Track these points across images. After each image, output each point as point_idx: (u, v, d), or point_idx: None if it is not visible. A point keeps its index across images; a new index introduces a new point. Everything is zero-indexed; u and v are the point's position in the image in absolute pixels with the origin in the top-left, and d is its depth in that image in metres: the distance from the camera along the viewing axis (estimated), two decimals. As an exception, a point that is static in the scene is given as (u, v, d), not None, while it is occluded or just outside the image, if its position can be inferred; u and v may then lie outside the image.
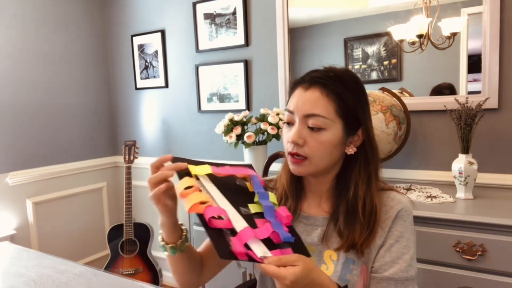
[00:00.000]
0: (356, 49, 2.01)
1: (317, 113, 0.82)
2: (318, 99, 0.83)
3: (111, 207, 3.07)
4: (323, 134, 0.83)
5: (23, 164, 2.51)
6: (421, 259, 1.44)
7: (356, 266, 0.84)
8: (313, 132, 0.83)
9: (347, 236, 0.84)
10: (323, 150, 0.84)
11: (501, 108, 1.70)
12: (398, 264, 0.82)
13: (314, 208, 0.93)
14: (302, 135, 0.83)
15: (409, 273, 0.82)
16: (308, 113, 0.83)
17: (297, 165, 0.86)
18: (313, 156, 0.84)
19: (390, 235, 0.84)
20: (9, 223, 2.44)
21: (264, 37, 2.29)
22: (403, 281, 0.81)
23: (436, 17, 1.77)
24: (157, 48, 2.74)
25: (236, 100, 2.44)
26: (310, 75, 0.87)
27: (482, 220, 1.34)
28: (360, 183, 0.86)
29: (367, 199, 0.84)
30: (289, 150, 0.86)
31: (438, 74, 1.83)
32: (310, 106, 0.83)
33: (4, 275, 1.19)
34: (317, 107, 0.83)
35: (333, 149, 0.85)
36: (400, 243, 0.83)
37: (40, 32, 2.60)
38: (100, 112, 3.01)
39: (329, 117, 0.83)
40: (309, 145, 0.83)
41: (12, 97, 2.45)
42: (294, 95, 0.87)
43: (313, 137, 0.83)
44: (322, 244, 0.87)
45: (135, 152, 2.55)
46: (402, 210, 0.85)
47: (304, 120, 0.84)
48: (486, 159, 1.72)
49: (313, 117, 0.83)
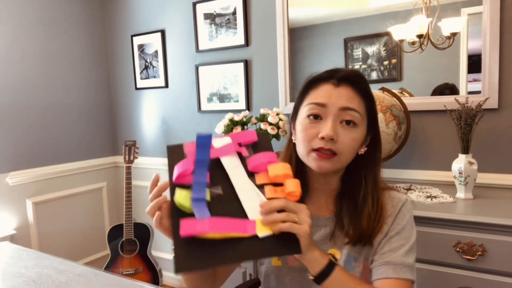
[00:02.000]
0: (356, 49, 2.01)
1: (355, 108, 0.82)
2: (352, 95, 0.83)
3: (111, 207, 3.07)
4: (355, 130, 0.83)
5: (23, 164, 2.51)
6: (421, 259, 1.44)
7: (358, 263, 0.85)
8: (346, 128, 0.82)
9: (353, 232, 0.85)
10: (353, 147, 0.84)
11: (501, 108, 1.70)
12: (396, 252, 0.83)
13: (317, 208, 0.92)
14: (336, 130, 0.81)
15: (407, 260, 0.82)
16: (346, 106, 0.82)
17: (325, 161, 0.82)
18: (342, 153, 0.82)
19: (392, 229, 0.85)
20: (9, 223, 2.44)
21: (264, 37, 2.29)
22: (401, 266, 0.81)
23: (436, 17, 1.77)
24: (157, 48, 2.74)
25: (236, 100, 2.44)
26: (338, 73, 0.85)
27: (482, 220, 1.34)
28: (369, 180, 0.87)
29: (375, 195, 0.86)
30: (318, 145, 0.81)
31: (438, 74, 1.83)
32: (346, 100, 0.82)
33: (4, 275, 1.19)
34: (353, 102, 0.83)
35: (357, 148, 0.85)
36: (400, 235, 0.84)
37: (40, 32, 2.60)
38: (100, 112, 3.01)
39: (362, 114, 0.84)
40: (341, 141, 0.81)
41: (12, 97, 2.45)
42: (320, 89, 0.85)
43: (345, 133, 0.82)
44: (326, 243, 0.88)
45: (135, 152, 2.55)
46: (403, 206, 0.87)
47: (338, 114, 0.82)
48: (486, 159, 1.72)
49: (351, 111, 0.82)
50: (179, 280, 2.83)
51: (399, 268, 0.81)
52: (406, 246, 0.83)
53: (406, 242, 0.84)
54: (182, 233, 0.65)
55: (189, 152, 0.76)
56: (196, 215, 0.67)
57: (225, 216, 0.69)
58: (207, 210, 0.69)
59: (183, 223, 0.66)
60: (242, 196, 0.72)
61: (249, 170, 0.75)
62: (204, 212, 0.68)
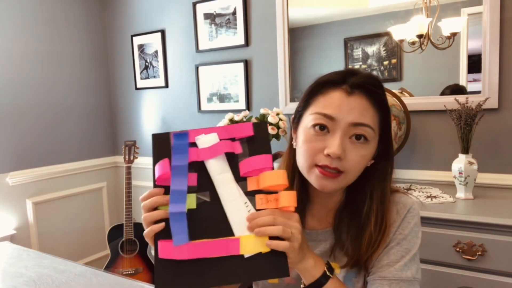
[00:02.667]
0: (356, 49, 2.01)
1: (367, 123, 0.73)
2: (366, 108, 0.73)
3: (111, 207, 3.07)
4: (366, 147, 0.74)
5: (23, 164, 2.51)
6: (421, 259, 1.41)
7: (358, 278, 0.81)
8: (355, 143, 0.73)
9: (353, 252, 0.79)
10: (361, 165, 0.75)
11: (501, 108, 1.70)
12: (393, 266, 0.76)
13: (318, 221, 0.86)
14: (344, 147, 0.72)
15: (404, 274, 0.75)
16: (357, 121, 0.72)
17: (329, 180, 0.74)
18: (350, 171, 0.73)
19: (394, 239, 0.78)
20: (9, 223, 2.44)
21: (264, 37, 2.29)
22: (397, 281, 0.75)
23: (436, 17, 1.77)
24: (157, 48, 2.74)
25: (236, 100, 2.44)
26: (351, 78, 0.75)
27: (482, 220, 1.34)
28: (375, 196, 0.79)
29: (380, 213, 0.78)
30: (323, 162, 0.73)
31: (438, 74, 1.83)
32: (358, 114, 0.72)
33: (4, 275, 1.19)
34: (366, 117, 0.73)
35: (366, 164, 0.77)
36: (400, 246, 0.78)
37: (40, 32, 2.59)
38: (100, 112, 3.01)
39: (375, 128, 0.74)
40: (349, 158, 0.72)
41: (12, 97, 2.45)
42: (329, 97, 0.75)
43: (355, 149, 0.73)
44: (326, 258, 0.83)
45: (135, 152, 2.55)
46: (408, 213, 0.80)
47: (348, 129, 0.73)
48: (486, 159, 1.72)
49: (362, 127, 0.73)
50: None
51: (395, 284, 0.75)
52: (405, 258, 0.76)
53: (407, 254, 0.77)
54: (160, 255, 0.62)
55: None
56: (174, 239, 0.62)
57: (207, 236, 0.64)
58: (186, 232, 0.63)
59: (161, 245, 0.62)
60: (228, 207, 0.66)
61: (241, 175, 0.67)
62: (182, 237, 0.63)
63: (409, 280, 0.76)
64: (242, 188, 0.66)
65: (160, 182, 0.67)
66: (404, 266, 0.76)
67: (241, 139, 0.70)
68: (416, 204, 0.83)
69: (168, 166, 0.66)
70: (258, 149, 0.69)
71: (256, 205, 0.65)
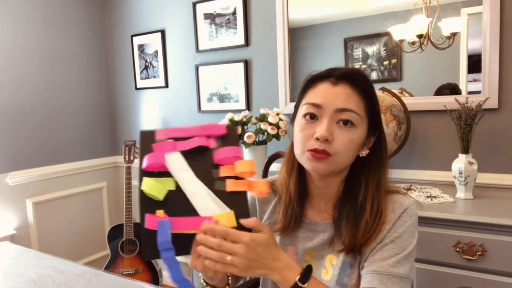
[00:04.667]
0: (356, 49, 2.01)
1: (352, 108, 0.79)
2: (350, 95, 0.80)
3: (111, 207, 3.07)
4: (353, 131, 0.80)
5: (23, 164, 2.51)
6: (421, 259, 1.44)
7: (353, 269, 0.83)
8: (343, 128, 0.80)
9: (349, 239, 0.81)
10: (350, 148, 0.80)
11: (501, 108, 1.70)
12: (386, 262, 0.78)
13: (318, 213, 0.90)
14: (331, 130, 0.79)
15: (397, 270, 0.76)
16: (342, 107, 0.79)
17: (319, 162, 0.80)
18: (338, 154, 0.79)
19: (388, 236, 0.80)
20: (9, 223, 2.44)
21: (264, 37, 2.29)
22: (388, 276, 0.76)
23: (436, 17, 1.77)
24: (157, 48, 2.74)
25: (236, 100, 2.44)
26: (337, 71, 0.83)
27: (482, 220, 1.34)
28: (370, 185, 0.83)
29: (375, 201, 0.82)
30: (313, 147, 0.79)
31: (438, 74, 1.83)
32: (342, 100, 0.79)
33: (4, 275, 1.19)
34: (350, 102, 0.80)
35: (355, 149, 0.82)
36: (395, 244, 0.79)
37: (40, 32, 2.59)
38: (100, 112, 3.01)
39: (360, 114, 0.80)
40: (337, 141, 0.79)
41: (12, 97, 2.45)
42: (317, 89, 0.83)
43: (342, 133, 0.79)
44: (325, 249, 0.86)
45: (135, 152, 2.55)
46: (404, 213, 0.82)
47: (334, 115, 0.79)
48: (486, 159, 1.72)
49: (347, 112, 0.79)
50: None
51: (386, 278, 0.76)
52: (399, 256, 0.78)
53: (401, 252, 0.78)
54: (146, 226, 0.72)
55: (160, 140, 0.81)
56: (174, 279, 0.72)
57: (184, 214, 0.74)
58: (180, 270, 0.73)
59: (148, 217, 0.72)
60: (195, 201, 0.75)
61: (215, 162, 0.78)
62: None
63: (401, 277, 0.77)
64: (214, 175, 0.77)
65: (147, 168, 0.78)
66: (397, 262, 0.77)
67: (216, 136, 0.82)
68: (414, 205, 0.84)
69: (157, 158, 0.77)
70: (229, 144, 0.81)
71: (227, 186, 0.76)
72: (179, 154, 0.79)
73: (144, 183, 0.75)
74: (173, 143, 0.81)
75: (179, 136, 0.82)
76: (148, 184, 0.75)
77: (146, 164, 0.77)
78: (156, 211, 0.74)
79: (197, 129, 0.83)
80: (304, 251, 0.88)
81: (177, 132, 0.83)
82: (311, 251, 0.87)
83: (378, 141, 0.86)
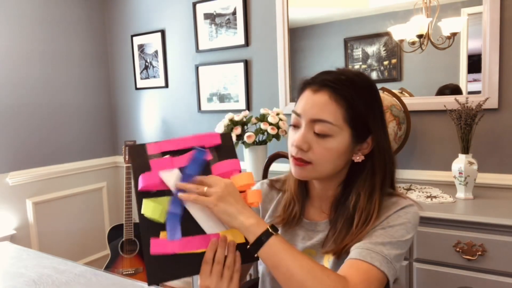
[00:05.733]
0: (356, 49, 2.01)
1: (324, 119, 0.79)
2: (326, 104, 0.79)
3: (111, 207, 3.07)
4: (329, 141, 0.79)
5: (23, 164, 2.51)
6: (421, 259, 1.44)
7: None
8: (319, 137, 0.80)
9: (341, 239, 0.82)
10: (328, 157, 0.80)
11: (501, 108, 1.70)
12: (370, 241, 0.76)
13: (317, 213, 0.92)
14: (307, 140, 0.80)
15: (379, 248, 0.74)
16: (315, 118, 0.79)
17: (300, 168, 0.82)
18: (317, 162, 0.81)
19: (379, 224, 0.80)
20: (9, 223, 2.44)
21: (264, 37, 2.29)
22: (369, 251, 0.74)
23: (436, 17, 1.77)
24: (157, 48, 2.74)
25: (236, 100, 2.44)
26: (321, 77, 0.83)
27: (482, 220, 1.34)
28: (362, 193, 0.82)
29: (364, 212, 0.81)
30: (292, 154, 0.83)
31: (438, 74, 1.83)
32: (317, 110, 0.79)
33: (4, 275, 1.19)
34: (325, 112, 0.79)
35: (338, 157, 0.81)
36: (385, 231, 0.78)
37: (40, 32, 2.59)
38: (100, 112, 3.01)
39: (336, 123, 0.79)
40: (314, 151, 0.80)
41: (12, 97, 2.45)
42: (302, 96, 0.84)
43: (318, 143, 0.80)
44: (323, 248, 0.86)
45: (135, 152, 2.55)
46: (401, 210, 0.81)
47: (310, 125, 0.80)
48: (486, 159, 1.72)
49: (320, 123, 0.79)
50: (179, 280, 2.83)
51: (366, 252, 0.74)
52: (386, 241, 0.76)
53: (389, 239, 0.76)
54: (152, 251, 0.71)
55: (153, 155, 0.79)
56: (168, 234, 0.73)
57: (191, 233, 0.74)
58: (179, 229, 0.74)
59: (153, 242, 0.72)
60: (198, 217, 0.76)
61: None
62: (176, 232, 0.73)
63: (383, 256, 0.74)
64: None
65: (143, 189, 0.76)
66: (381, 245, 0.75)
67: (210, 147, 0.81)
68: (416, 207, 0.84)
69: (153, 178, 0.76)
70: (226, 155, 0.81)
71: None
72: (177, 171, 0.77)
73: (144, 206, 0.73)
74: (170, 159, 0.78)
75: (173, 149, 0.79)
76: (148, 207, 0.73)
77: (142, 185, 0.75)
78: (160, 232, 0.72)
79: (190, 140, 0.80)
80: (303, 250, 0.89)
81: (169, 144, 0.80)
82: (310, 249, 0.88)
83: (377, 148, 0.84)
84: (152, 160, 0.77)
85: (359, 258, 0.73)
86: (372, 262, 0.72)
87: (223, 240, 0.74)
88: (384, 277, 0.73)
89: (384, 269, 0.73)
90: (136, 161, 0.78)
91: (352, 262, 0.74)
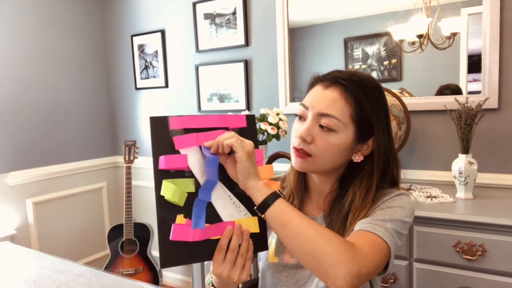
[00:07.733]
0: (356, 49, 2.01)
1: (331, 114, 0.81)
2: (336, 100, 0.82)
3: (111, 207, 3.07)
4: (332, 136, 0.82)
5: (23, 164, 2.51)
6: (421, 259, 1.44)
7: None
8: (323, 131, 0.82)
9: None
10: (330, 152, 0.82)
11: (501, 108, 1.70)
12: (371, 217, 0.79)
13: (314, 208, 0.94)
14: (311, 132, 0.82)
15: (379, 222, 0.76)
16: (322, 112, 0.82)
17: (300, 160, 0.84)
18: (318, 155, 0.83)
19: (377, 207, 0.82)
20: (9, 223, 2.44)
21: (264, 37, 2.29)
22: (371, 224, 0.76)
23: (436, 17, 1.77)
24: (157, 48, 2.74)
25: (236, 100, 2.44)
26: (333, 74, 0.86)
27: (482, 220, 1.34)
28: (358, 193, 0.84)
29: (359, 210, 0.83)
30: (295, 144, 0.85)
31: (438, 74, 1.83)
32: (326, 105, 0.82)
33: (4, 275, 1.19)
34: (333, 108, 0.81)
35: (339, 153, 0.83)
36: (383, 211, 0.80)
37: (40, 32, 2.59)
38: (100, 112, 3.01)
39: (342, 120, 0.81)
40: (317, 143, 0.82)
41: (12, 97, 2.45)
42: (312, 91, 0.86)
43: (322, 136, 0.82)
44: None
45: (135, 152, 2.55)
46: (397, 195, 0.84)
47: (316, 118, 0.83)
48: (486, 159, 1.72)
49: (327, 117, 0.81)
50: (179, 280, 2.83)
51: (368, 225, 0.76)
52: (386, 217, 0.78)
53: (389, 217, 0.78)
54: (173, 238, 0.71)
55: (175, 130, 0.75)
56: (193, 223, 0.72)
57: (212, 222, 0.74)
58: (204, 218, 0.73)
59: (176, 228, 0.71)
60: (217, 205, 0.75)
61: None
62: (200, 221, 0.73)
63: (385, 228, 0.75)
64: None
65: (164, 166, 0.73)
66: (383, 221, 0.77)
67: (234, 129, 0.79)
68: (410, 197, 0.88)
69: (179, 162, 0.73)
70: (249, 139, 0.77)
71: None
72: (199, 152, 0.74)
73: (164, 188, 0.70)
74: (195, 136, 0.74)
75: (196, 126, 0.75)
76: (168, 189, 0.70)
77: (164, 166, 0.72)
78: (176, 216, 0.71)
79: (215, 119, 0.77)
80: None
81: (192, 121, 0.75)
82: None
83: (377, 150, 0.86)
84: (176, 137, 0.73)
85: (363, 228, 0.75)
86: (375, 232, 0.74)
87: (238, 228, 0.75)
88: (387, 248, 0.74)
89: (386, 239, 0.74)
90: (157, 135, 0.73)
91: (355, 232, 0.76)
